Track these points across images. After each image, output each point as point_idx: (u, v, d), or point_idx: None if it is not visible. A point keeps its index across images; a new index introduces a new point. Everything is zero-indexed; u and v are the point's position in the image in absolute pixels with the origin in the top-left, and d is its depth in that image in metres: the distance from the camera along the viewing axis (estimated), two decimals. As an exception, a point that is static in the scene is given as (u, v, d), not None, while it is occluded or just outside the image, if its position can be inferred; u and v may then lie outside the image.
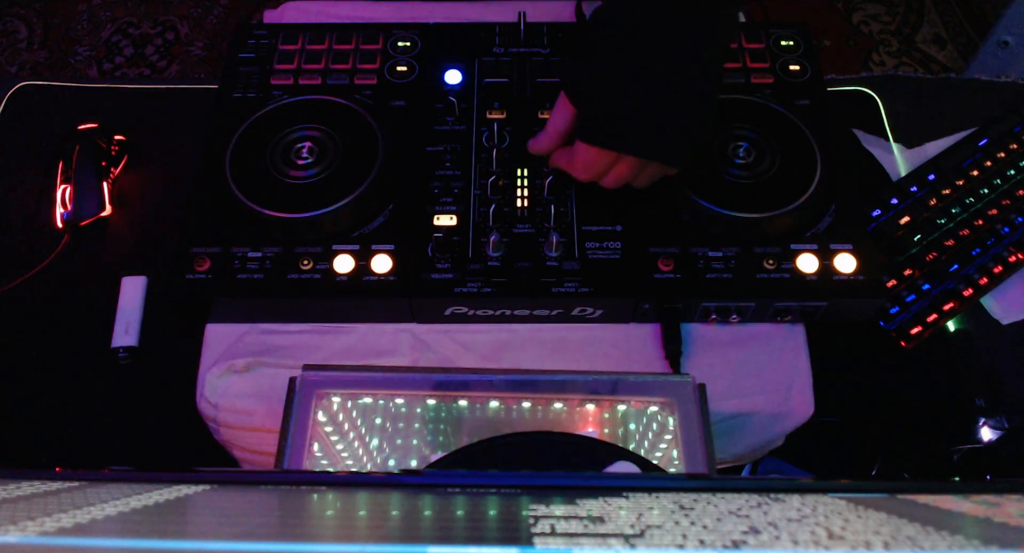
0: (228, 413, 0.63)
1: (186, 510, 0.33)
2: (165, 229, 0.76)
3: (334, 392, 0.58)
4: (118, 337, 0.71)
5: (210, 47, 1.81)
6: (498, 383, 0.58)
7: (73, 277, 0.75)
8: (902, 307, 0.72)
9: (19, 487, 0.32)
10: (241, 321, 0.66)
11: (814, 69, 0.74)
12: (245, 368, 0.63)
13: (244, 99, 0.72)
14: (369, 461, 0.59)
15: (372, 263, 0.63)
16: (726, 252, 0.64)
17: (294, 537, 0.29)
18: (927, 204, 0.75)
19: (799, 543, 0.27)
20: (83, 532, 0.27)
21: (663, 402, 0.58)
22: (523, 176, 0.67)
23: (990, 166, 0.77)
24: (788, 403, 0.63)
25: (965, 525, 0.30)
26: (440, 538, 0.29)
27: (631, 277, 0.63)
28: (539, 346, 0.65)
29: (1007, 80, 0.88)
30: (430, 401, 0.59)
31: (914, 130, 0.83)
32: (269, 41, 0.76)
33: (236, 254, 0.63)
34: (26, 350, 0.72)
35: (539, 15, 0.78)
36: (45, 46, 1.82)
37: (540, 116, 0.71)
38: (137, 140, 0.82)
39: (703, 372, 0.60)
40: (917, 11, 1.82)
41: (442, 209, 0.66)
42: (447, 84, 0.73)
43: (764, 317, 0.65)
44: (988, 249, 0.74)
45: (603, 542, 0.27)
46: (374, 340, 0.65)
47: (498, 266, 0.63)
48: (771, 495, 0.34)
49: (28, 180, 0.80)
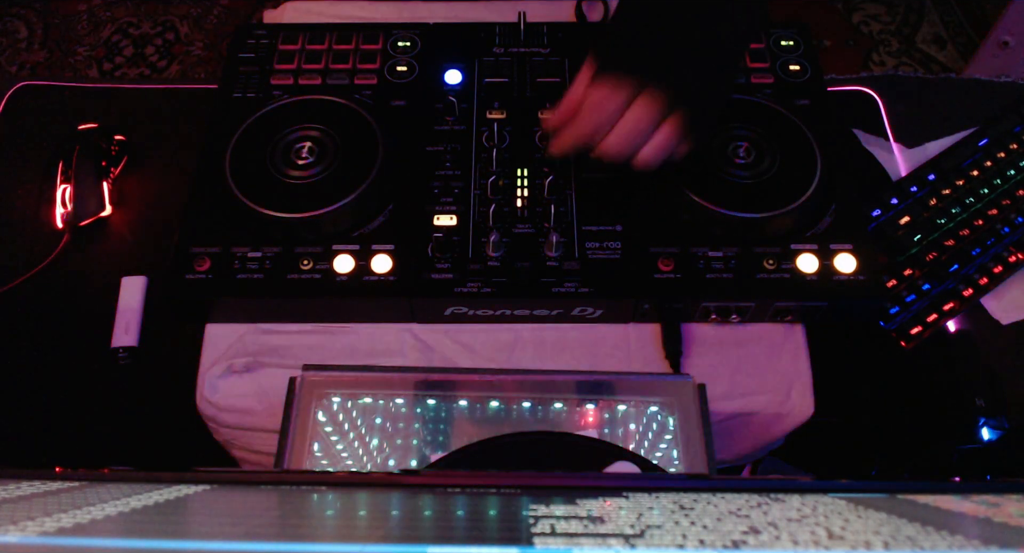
0: (228, 413, 0.63)
1: (186, 510, 0.33)
2: (165, 229, 0.76)
3: (334, 392, 0.58)
4: (118, 337, 0.71)
5: (210, 47, 1.81)
6: (498, 383, 0.58)
7: (73, 277, 0.75)
8: (902, 307, 0.72)
9: (19, 487, 0.32)
10: (241, 321, 0.66)
11: (814, 69, 0.74)
12: (245, 368, 0.63)
13: (244, 99, 0.72)
14: (369, 461, 0.59)
15: (372, 263, 0.63)
16: (726, 252, 0.64)
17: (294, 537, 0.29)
18: (927, 204, 0.75)
19: (799, 543, 0.27)
20: (83, 532, 0.27)
21: (663, 402, 0.58)
22: (523, 176, 0.67)
23: (990, 166, 0.77)
24: (788, 403, 0.63)
25: (965, 525, 0.30)
26: (440, 538, 0.29)
27: (631, 277, 0.63)
28: (539, 346, 0.65)
29: (1007, 80, 0.88)
30: (430, 401, 0.59)
31: (914, 130, 0.83)
32: (269, 41, 0.76)
33: (236, 254, 0.63)
34: (26, 350, 0.72)
35: (539, 15, 0.78)
36: (45, 46, 1.82)
37: (540, 116, 0.71)
38: (137, 140, 0.82)
39: (703, 372, 0.60)
40: (917, 11, 1.82)
41: (442, 209, 0.66)
42: (447, 84, 0.73)
43: (764, 317, 0.65)
44: (988, 249, 0.74)
45: (603, 542, 0.27)
46: (374, 340, 0.65)
47: (498, 266, 0.63)
48: (771, 495, 0.34)
49: (28, 180, 0.79)
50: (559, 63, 0.75)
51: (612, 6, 0.86)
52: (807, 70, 0.74)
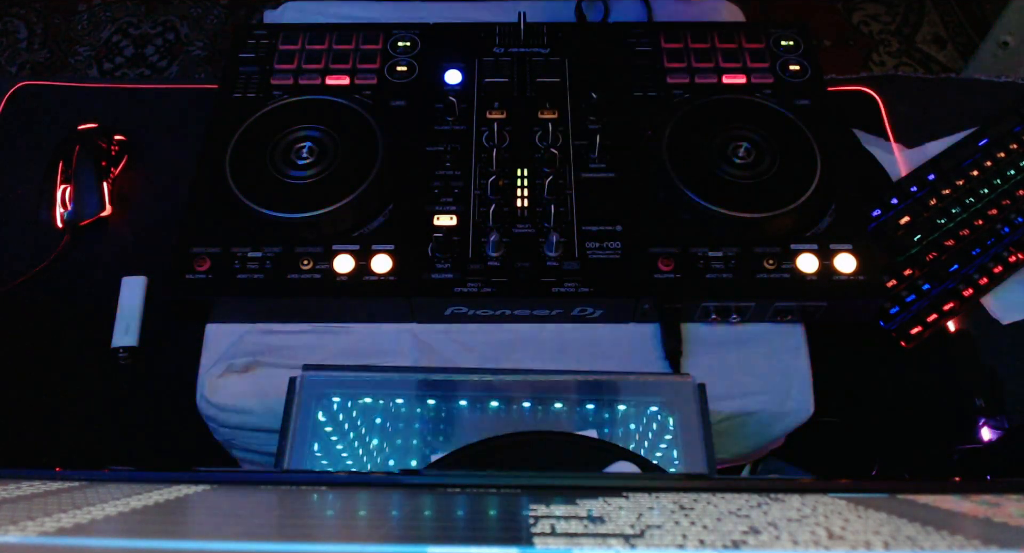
0: (228, 413, 0.63)
1: (186, 510, 0.33)
2: (165, 229, 0.76)
3: (334, 392, 0.58)
4: (118, 337, 0.71)
5: (210, 47, 1.81)
6: (498, 383, 0.58)
7: (73, 277, 0.75)
8: (902, 307, 0.72)
9: (19, 487, 0.32)
10: (241, 321, 0.66)
11: (814, 69, 0.74)
12: (245, 368, 0.63)
13: (244, 99, 0.72)
14: (369, 461, 0.59)
15: (372, 263, 0.63)
16: (726, 252, 0.64)
17: (294, 537, 0.29)
18: (927, 204, 0.75)
19: (799, 543, 0.27)
20: (83, 532, 0.27)
21: (663, 402, 0.58)
22: (523, 176, 0.67)
23: (990, 166, 0.77)
24: (788, 403, 0.63)
25: (965, 525, 0.30)
26: (440, 538, 0.29)
27: (631, 277, 0.63)
28: (539, 346, 0.65)
29: (1007, 80, 0.88)
30: (430, 401, 0.59)
31: (914, 130, 0.83)
32: (269, 41, 0.76)
33: (236, 254, 0.63)
34: (26, 350, 0.72)
35: (539, 15, 0.78)
36: (45, 46, 1.82)
37: (540, 116, 0.71)
38: (137, 140, 0.82)
39: (703, 372, 0.60)
40: (917, 11, 1.82)
41: (442, 209, 0.66)
42: (447, 84, 0.73)
43: (764, 317, 0.65)
44: (988, 249, 0.74)
45: (603, 542, 0.27)
46: (374, 340, 0.65)
47: (498, 266, 0.63)
48: (771, 495, 0.34)
49: (28, 180, 0.79)
50: (559, 63, 0.75)
51: (612, 6, 0.86)
52: (807, 70, 0.74)
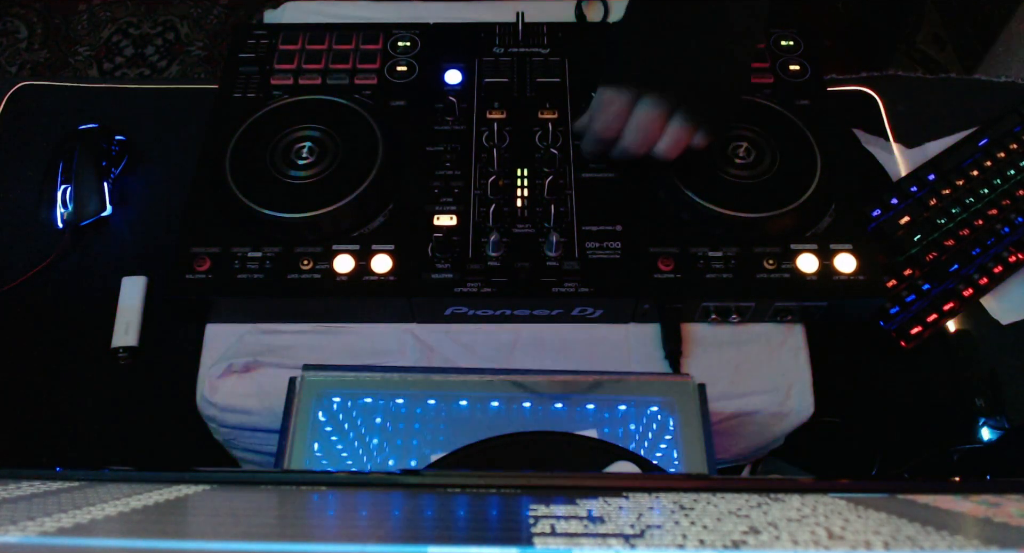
0: (228, 413, 0.63)
1: (186, 510, 0.33)
2: (165, 229, 0.76)
3: (334, 392, 0.58)
4: (118, 337, 0.71)
5: (210, 47, 1.81)
6: (498, 383, 0.58)
7: (73, 277, 0.75)
8: (902, 307, 0.72)
9: (19, 487, 0.32)
10: (241, 321, 0.66)
11: (814, 69, 0.74)
12: (245, 368, 0.63)
13: (244, 99, 0.72)
14: (369, 461, 0.59)
15: (372, 263, 0.63)
16: (726, 252, 0.64)
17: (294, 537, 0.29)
18: (927, 204, 0.75)
19: (799, 543, 0.27)
20: (83, 532, 0.27)
21: (663, 402, 0.58)
22: (523, 176, 0.67)
23: (990, 166, 0.77)
24: (788, 403, 0.63)
25: (965, 525, 0.30)
26: (440, 538, 0.29)
27: (631, 277, 0.63)
28: (539, 346, 0.65)
29: (1007, 80, 0.88)
30: (430, 401, 0.59)
31: (914, 130, 0.83)
32: (269, 41, 0.76)
33: (236, 254, 0.63)
34: (26, 350, 0.72)
35: (539, 15, 0.78)
36: (45, 46, 1.82)
37: (540, 116, 0.71)
38: (137, 140, 0.82)
39: (703, 372, 0.60)
40: (917, 11, 1.82)
41: (442, 209, 0.66)
42: (447, 84, 0.73)
43: (764, 317, 0.65)
44: (988, 249, 0.74)
45: (603, 542, 0.27)
46: (374, 340, 0.65)
47: (498, 266, 0.63)
48: (771, 495, 0.34)
49: (28, 180, 0.79)
50: (559, 63, 0.75)
51: (612, 6, 0.86)
52: (807, 70, 0.74)
